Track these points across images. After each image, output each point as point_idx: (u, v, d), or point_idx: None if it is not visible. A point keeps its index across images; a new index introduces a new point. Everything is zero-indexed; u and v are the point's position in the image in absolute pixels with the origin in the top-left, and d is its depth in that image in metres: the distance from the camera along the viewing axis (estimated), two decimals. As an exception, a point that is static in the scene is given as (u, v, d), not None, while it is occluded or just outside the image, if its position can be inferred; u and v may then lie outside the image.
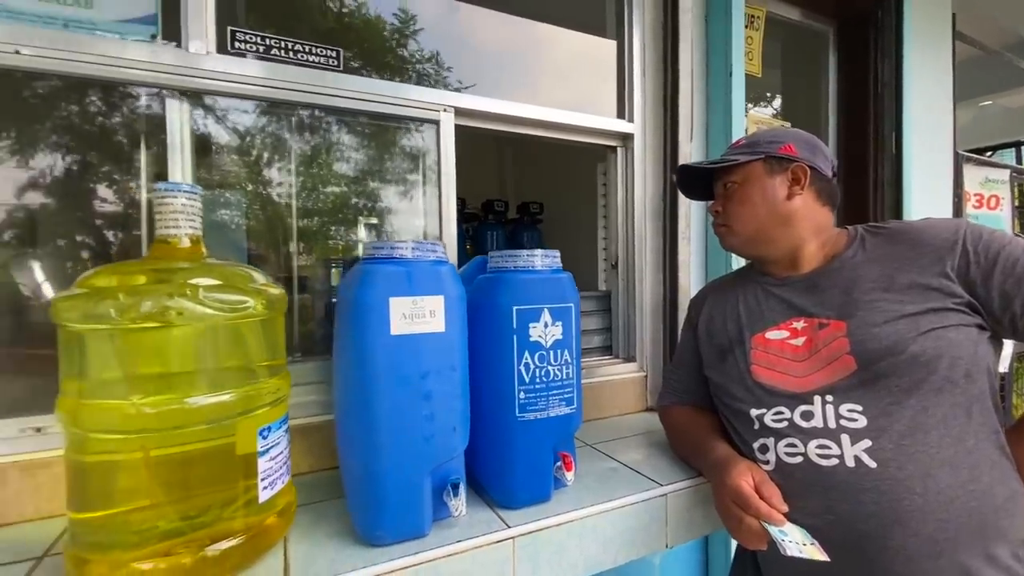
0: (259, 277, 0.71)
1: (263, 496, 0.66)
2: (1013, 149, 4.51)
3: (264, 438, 0.66)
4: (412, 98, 1.07)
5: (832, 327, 0.80)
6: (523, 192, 3.27)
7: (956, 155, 2.18)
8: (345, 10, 1.23)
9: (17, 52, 0.81)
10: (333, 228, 1.30)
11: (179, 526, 0.61)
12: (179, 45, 0.91)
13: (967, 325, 0.74)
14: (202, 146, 1.07)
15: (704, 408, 1.00)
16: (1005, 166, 2.51)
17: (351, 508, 0.74)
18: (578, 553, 0.79)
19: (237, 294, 0.64)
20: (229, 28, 0.95)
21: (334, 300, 1.23)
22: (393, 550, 0.69)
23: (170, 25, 0.92)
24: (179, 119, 0.91)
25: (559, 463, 0.83)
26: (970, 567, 0.67)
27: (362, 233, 1.30)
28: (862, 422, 0.74)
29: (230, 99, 1.00)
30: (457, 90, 1.24)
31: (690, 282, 1.31)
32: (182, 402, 0.59)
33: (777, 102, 2.05)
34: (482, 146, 3.59)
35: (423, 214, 1.20)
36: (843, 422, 0.75)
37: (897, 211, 1.83)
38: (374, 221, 1.29)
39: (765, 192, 0.87)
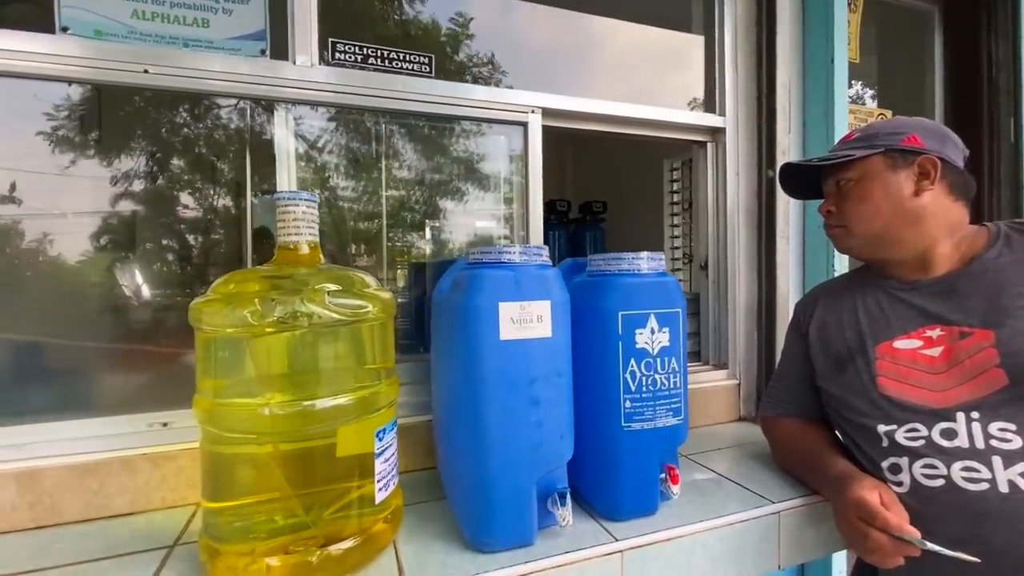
0: (371, 281, 0.72)
1: (379, 497, 0.67)
2: None
3: (380, 440, 0.67)
4: (501, 100, 1.07)
5: (977, 336, 0.72)
6: (584, 191, 3.21)
7: (1085, 142, 1.94)
8: (406, 17, 1.25)
9: (146, 71, 0.87)
10: (414, 232, 1.32)
11: (301, 520, 0.63)
12: (287, 59, 0.95)
13: None
14: (300, 153, 1.12)
15: (814, 420, 0.93)
16: None
17: (458, 513, 0.74)
18: (687, 570, 0.75)
19: (357, 299, 0.65)
20: (330, 40, 0.98)
21: (401, 300, 1.25)
22: (501, 557, 0.68)
23: (277, 40, 0.96)
24: (285, 129, 0.95)
25: (664, 475, 0.79)
26: None
27: (429, 236, 1.32)
28: (1017, 443, 0.67)
29: (328, 108, 1.04)
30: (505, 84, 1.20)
31: (788, 284, 1.23)
32: (309, 404, 0.61)
33: (868, 88, 1.90)
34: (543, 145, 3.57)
35: (505, 216, 1.20)
36: (994, 442, 0.68)
37: (1016, 207, 1.65)
38: (442, 222, 1.30)
39: (888, 189, 0.80)
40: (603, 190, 3.09)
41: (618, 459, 0.77)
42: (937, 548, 0.64)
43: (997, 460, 0.67)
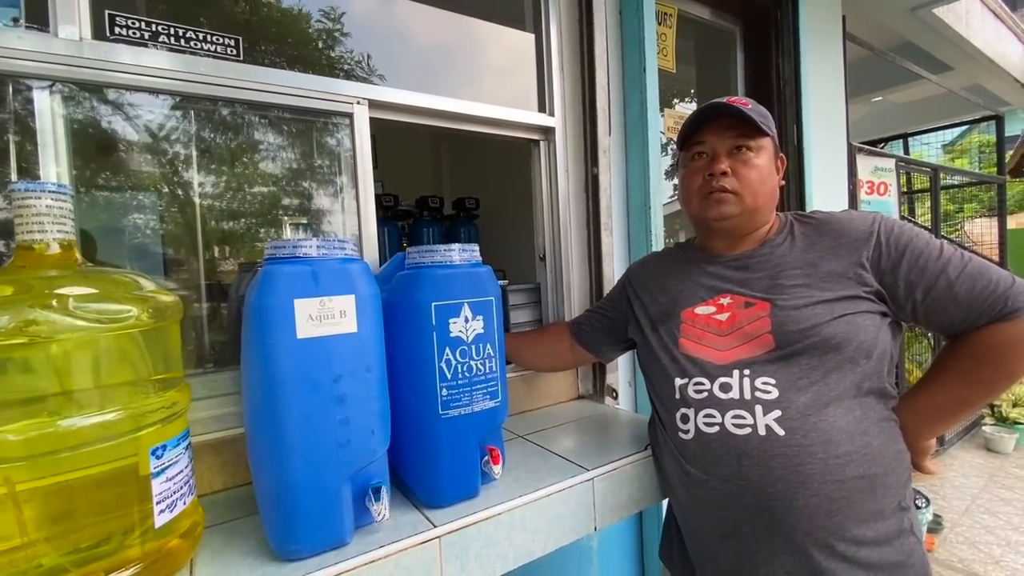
0: (147, 284, 0.65)
1: (160, 520, 0.61)
2: (901, 141, 5.01)
3: (158, 458, 0.61)
4: (322, 90, 1.02)
5: (758, 307, 0.84)
6: (460, 189, 3.24)
7: (850, 146, 2.39)
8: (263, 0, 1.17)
9: None
10: (253, 231, 1.24)
11: (62, 563, 0.56)
12: (47, 30, 0.82)
13: (873, 312, 0.80)
14: (97, 144, 0.98)
15: (573, 337, 1.13)
16: (891, 156, 2.78)
17: (265, 523, 0.70)
18: (507, 546, 0.79)
19: (116, 303, 0.58)
20: (107, 12, 0.86)
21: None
22: (309, 563, 0.66)
23: (36, 7, 0.82)
24: (50, 112, 0.82)
25: (486, 457, 0.82)
26: (863, 520, 0.75)
27: (288, 235, 1.25)
28: (774, 394, 0.79)
29: (119, 91, 0.92)
30: (369, 81, 1.20)
31: (614, 272, 1.35)
32: (53, 425, 0.53)
33: (688, 93, 2.14)
34: (417, 143, 3.53)
35: (345, 213, 1.16)
36: (758, 394, 0.79)
37: (800, 200, 1.97)
38: (302, 221, 1.24)
39: (775, 170, 0.90)
40: (478, 187, 3.13)
41: (437, 447, 0.79)
42: None
43: (759, 408, 0.78)
